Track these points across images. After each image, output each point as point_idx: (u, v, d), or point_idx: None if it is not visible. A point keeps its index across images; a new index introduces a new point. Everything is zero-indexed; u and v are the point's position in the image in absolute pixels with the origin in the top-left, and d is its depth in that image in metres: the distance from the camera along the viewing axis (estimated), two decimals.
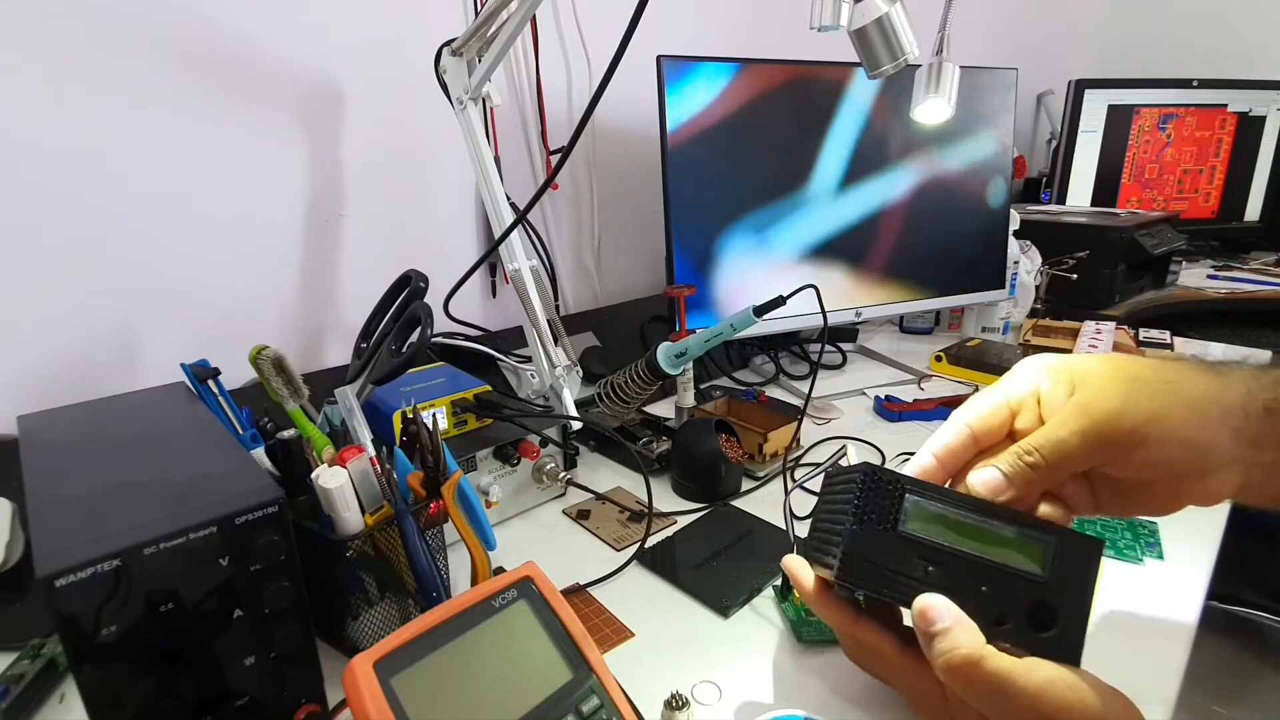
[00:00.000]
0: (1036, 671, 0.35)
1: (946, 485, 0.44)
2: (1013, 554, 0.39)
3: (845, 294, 1.06)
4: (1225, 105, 1.76)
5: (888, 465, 0.80)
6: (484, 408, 0.71)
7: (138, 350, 0.76)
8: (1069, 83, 1.75)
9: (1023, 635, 0.39)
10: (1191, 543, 0.63)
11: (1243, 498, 0.41)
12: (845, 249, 1.05)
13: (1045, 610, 0.39)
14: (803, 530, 0.55)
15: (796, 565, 0.45)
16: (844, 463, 0.47)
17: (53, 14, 0.66)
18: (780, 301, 0.65)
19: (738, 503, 0.72)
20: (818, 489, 0.49)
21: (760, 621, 0.55)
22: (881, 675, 0.44)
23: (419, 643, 0.36)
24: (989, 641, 0.37)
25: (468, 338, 0.93)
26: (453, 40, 0.75)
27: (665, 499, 0.73)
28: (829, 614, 0.43)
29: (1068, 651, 0.38)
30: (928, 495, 0.40)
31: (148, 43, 0.71)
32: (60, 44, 0.66)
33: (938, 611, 0.37)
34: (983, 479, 0.41)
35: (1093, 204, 1.80)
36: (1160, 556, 0.62)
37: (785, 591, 0.56)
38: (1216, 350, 1.16)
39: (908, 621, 0.41)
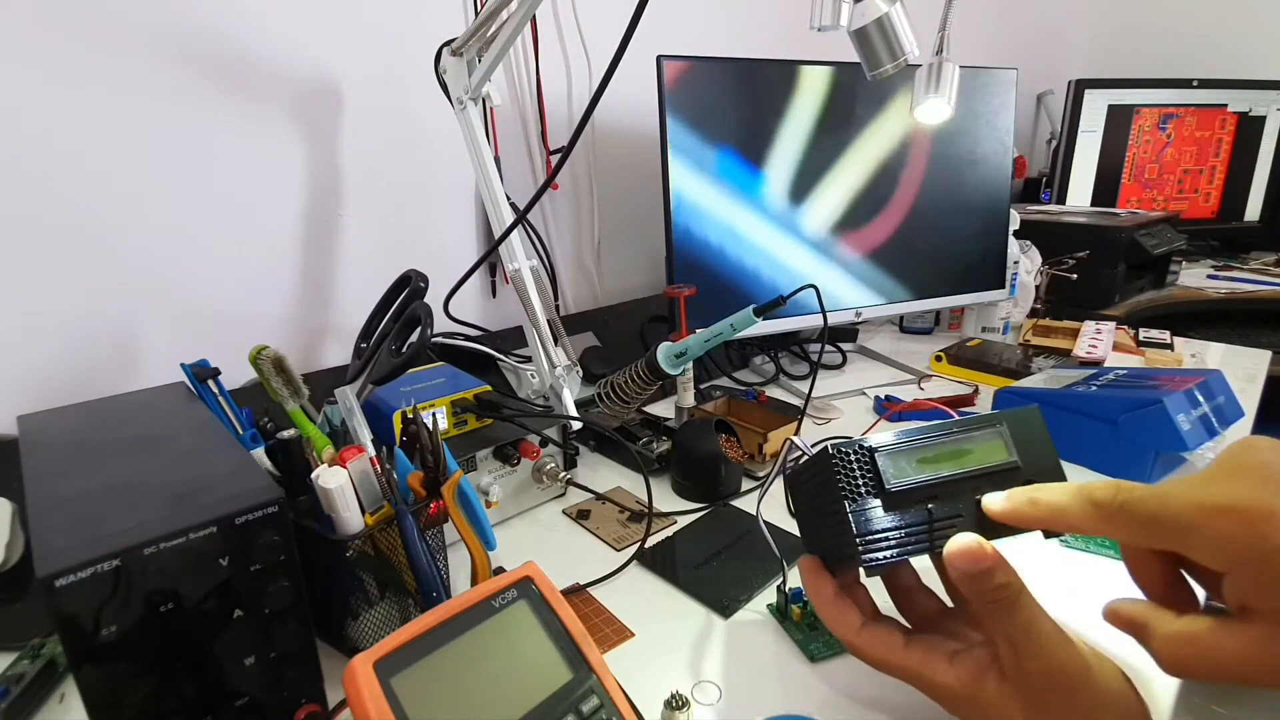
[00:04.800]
0: (1067, 647, 0.36)
1: None
2: (982, 455, 0.42)
3: (845, 293, 1.06)
4: (1225, 105, 1.76)
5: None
6: (484, 408, 0.71)
7: (137, 350, 0.76)
8: (1069, 83, 1.75)
9: None
10: None
11: None
12: (845, 247, 1.05)
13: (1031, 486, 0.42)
14: (785, 530, 0.54)
15: (813, 570, 0.45)
16: (797, 456, 0.47)
17: (52, 13, 0.66)
18: (780, 302, 0.65)
19: (738, 503, 0.72)
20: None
21: (760, 621, 0.54)
22: (895, 675, 0.44)
23: (419, 643, 0.36)
24: (1001, 536, 0.38)
25: (468, 338, 0.93)
26: (453, 40, 0.75)
27: (665, 499, 0.73)
28: (836, 622, 0.43)
29: None
30: (891, 447, 0.42)
31: (148, 43, 0.71)
32: (61, 44, 0.66)
33: (976, 551, 0.37)
34: None
35: (1093, 204, 1.80)
36: None
37: (783, 610, 0.54)
38: (1216, 350, 1.16)
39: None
